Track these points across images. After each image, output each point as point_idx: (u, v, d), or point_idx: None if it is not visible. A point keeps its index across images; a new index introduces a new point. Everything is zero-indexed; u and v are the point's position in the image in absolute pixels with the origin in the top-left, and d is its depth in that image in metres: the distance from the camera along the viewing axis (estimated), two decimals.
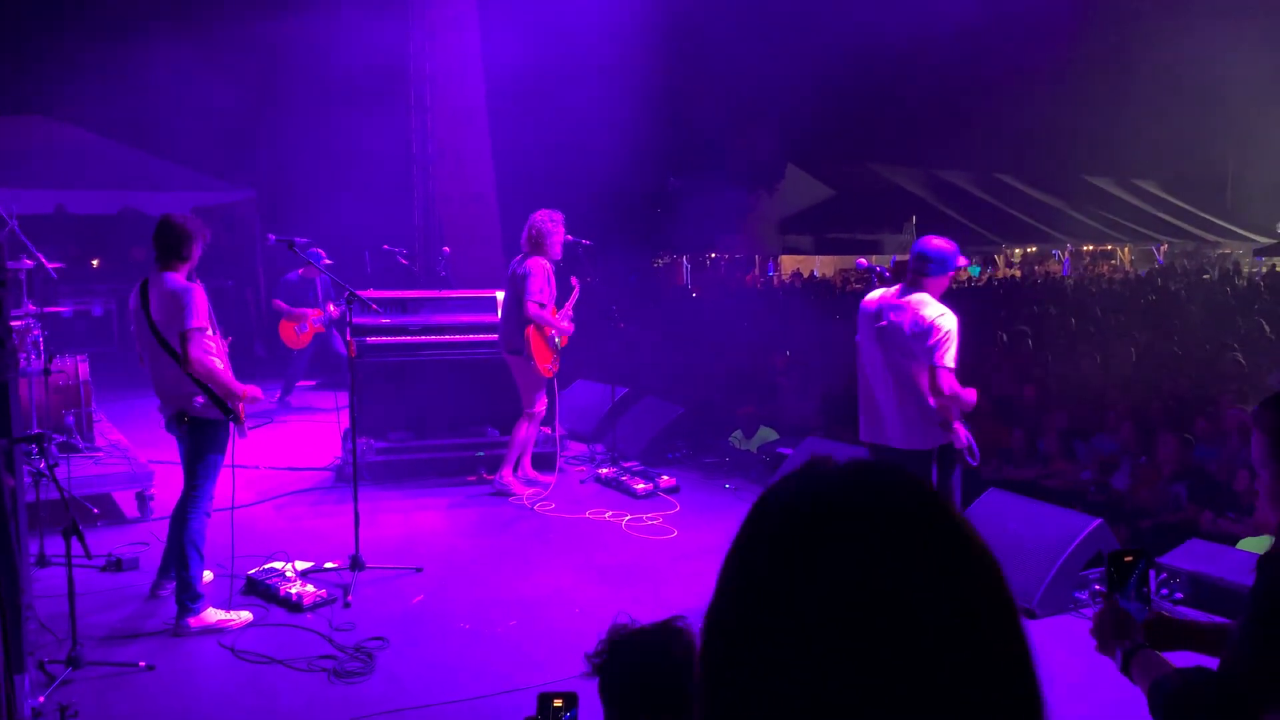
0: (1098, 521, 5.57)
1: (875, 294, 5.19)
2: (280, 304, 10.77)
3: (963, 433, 4.99)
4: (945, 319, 4.89)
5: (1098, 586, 5.44)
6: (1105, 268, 31.89)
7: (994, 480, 6.98)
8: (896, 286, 5.12)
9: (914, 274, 5.03)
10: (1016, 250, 32.60)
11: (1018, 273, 30.28)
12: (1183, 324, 13.56)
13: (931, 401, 4.91)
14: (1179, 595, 5.45)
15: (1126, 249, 33.44)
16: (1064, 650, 4.58)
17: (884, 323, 5.01)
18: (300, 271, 10.70)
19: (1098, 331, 13.20)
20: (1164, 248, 32.01)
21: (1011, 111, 30.54)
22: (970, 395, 4.97)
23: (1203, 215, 34.60)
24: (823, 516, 0.80)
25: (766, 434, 8.93)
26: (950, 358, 4.87)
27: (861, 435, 5.27)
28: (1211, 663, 2.04)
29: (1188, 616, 5.15)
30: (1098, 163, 34.24)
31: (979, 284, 27.24)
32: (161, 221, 5.26)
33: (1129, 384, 9.20)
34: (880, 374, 5.07)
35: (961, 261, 5.20)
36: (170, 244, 5.19)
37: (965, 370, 5.15)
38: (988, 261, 32.43)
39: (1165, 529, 6.38)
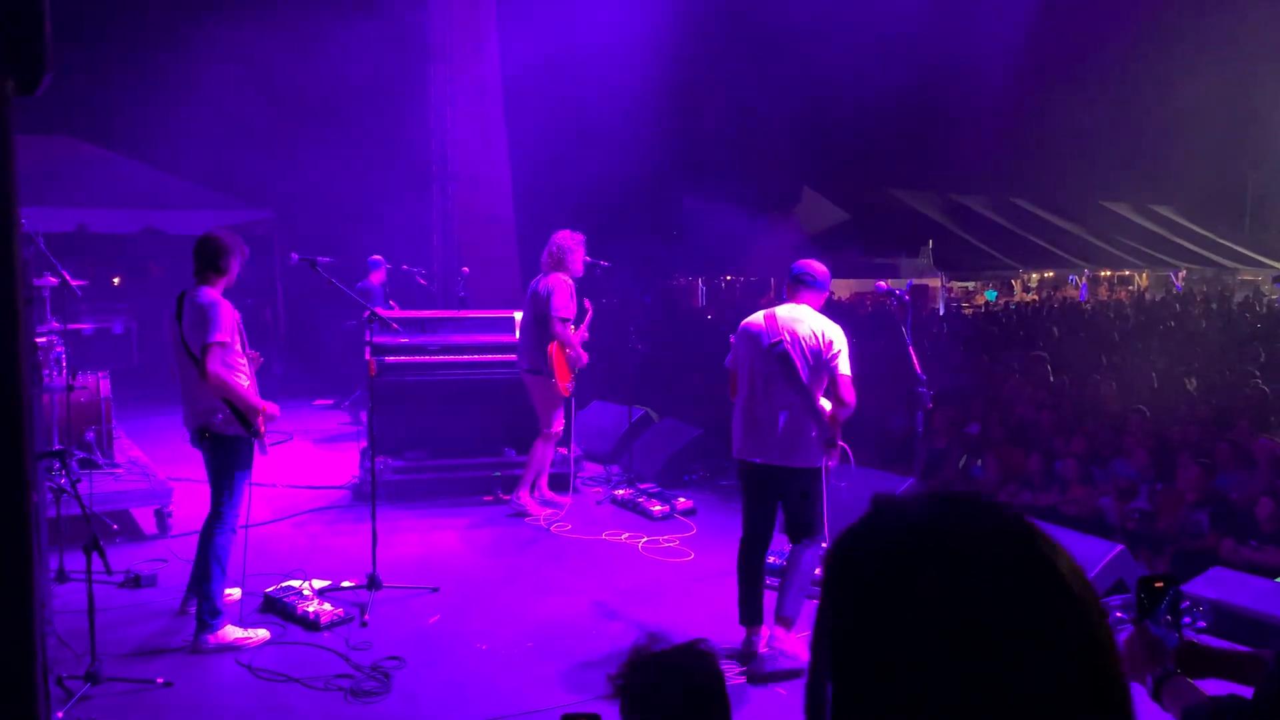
0: (1119, 548, 5.53)
1: (757, 315, 5.30)
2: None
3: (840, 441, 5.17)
4: (839, 331, 5.16)
5: (1119, 614, 5.39)
6: (1123, 293, 31.76)
7: (1013, 506, 6.94)
8: (773, 307, 5.30)
9: (793, 292, 5.25)
10: (1033, 275, 32.48)
11: (1035, 297, 30.18)
12: (1203, 350, 13.48)
13: (829, 413, 5.09)
14: (1201, 624, 5.40)
15: (1144, 275, 33.28)
16: None
17: (778, 340, 5.09)
18: (360, 284, 10.84)
19: (1116, 357, 13.13)
20: (1182, 274, 31.86)
21: (1029, 136, 30.55)
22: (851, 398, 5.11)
23: (1221, 241, 34.46)
24: (924, 556, 0.80)
25: None
26: (848, 366, 5.11)
27: (746, 455, 5.23)
28: (1244, 691, 2.02)
29: (1213, 644, 5.11)
30: (1115, 188, 34.18)
31: (996, 309, 27.18)
32: (201, 237, 5.33)
33: (1148, 410, 9.15)
34: (772, 391, 5.13)
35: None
36: (207, 258, 5.25)
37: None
38: (1004, 286, 32.34)
39: (1186, 556, 6.33)
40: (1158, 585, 2.18)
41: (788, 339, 5.09)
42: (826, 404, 5.14)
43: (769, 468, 5.15)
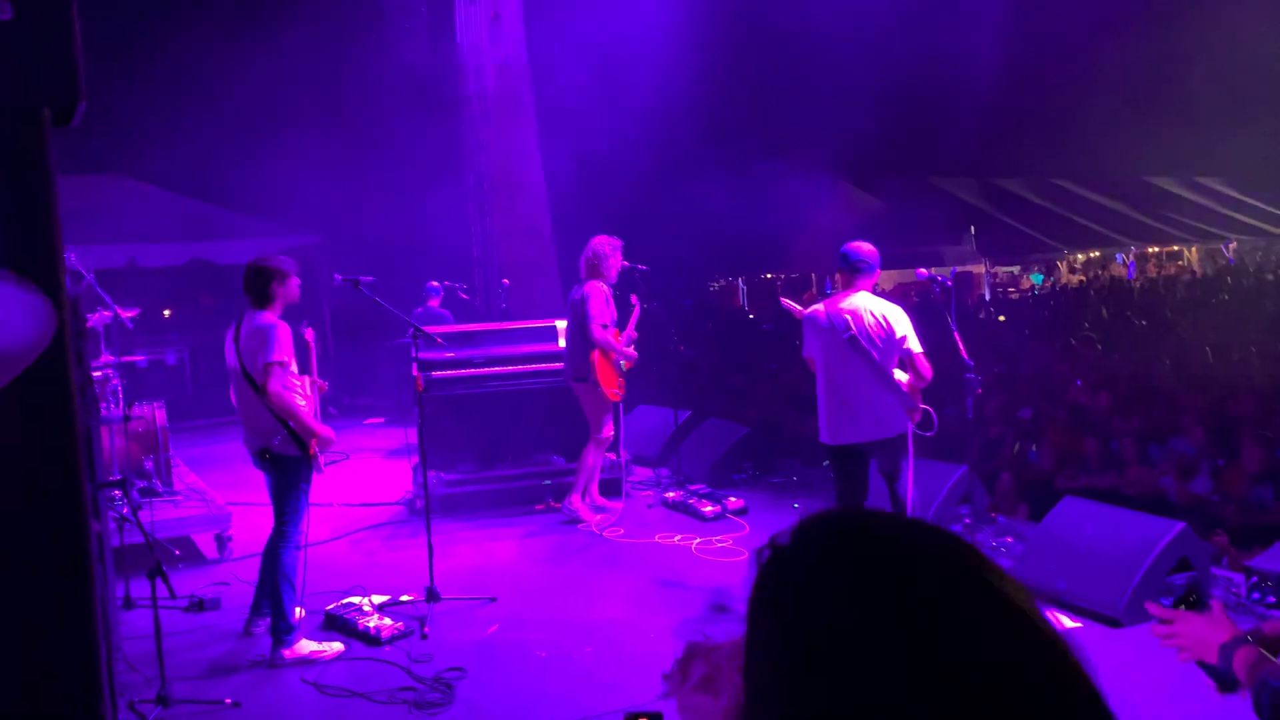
0: (1181, 526, 5.42)
1: (819, 307, 5.68)
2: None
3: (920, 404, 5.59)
4: (899, 311, 5.56)
5: (1215, 597, 5.31)
6: (1172, 269, 31.14)
7: (1069, 489, 6.84)
8: (833, 297, 5.70)
9: (848, 278, 5.61)
10: (1079, 255, 31.94)
11: (1081, 278, 29.69)
12: (1259, 322, 13.20)
13: (907, 383, 5.50)
14: (1270, 599, 5.28)
15: (1194, 249, 32.61)
16: (1152, 658, 4.46)
17: (847, 330, 5.45)
18: (421, 309, 10.98)
19: (1169, 333, 12.90)
20: (1233, 245, 31.19)
21: (1068, 115, 30.07)
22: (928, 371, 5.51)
23: (1272, 210, 33.68)
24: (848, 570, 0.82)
25: None
26: (917, 343, 5.50)
27: (835, 439, 5.60)
28: None
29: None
30: (1160, 162, 33.52)
31: (1043, 292, 26.81)
32: (248, 267, 5.45)
33: (1205, 385, 8.97)
34: (850, 375, 5.49)
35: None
36: (255, 285, 5.37)
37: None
38: (1050, 269, 31.85)
39: (1252, 531, 6.20)
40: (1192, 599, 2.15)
41: (855, 328, 5.44)
42: (902, 375, 5.53)
43: (859, 445, 5.54)
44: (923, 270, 6.71)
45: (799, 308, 6.08)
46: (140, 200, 14.94)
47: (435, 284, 11.51)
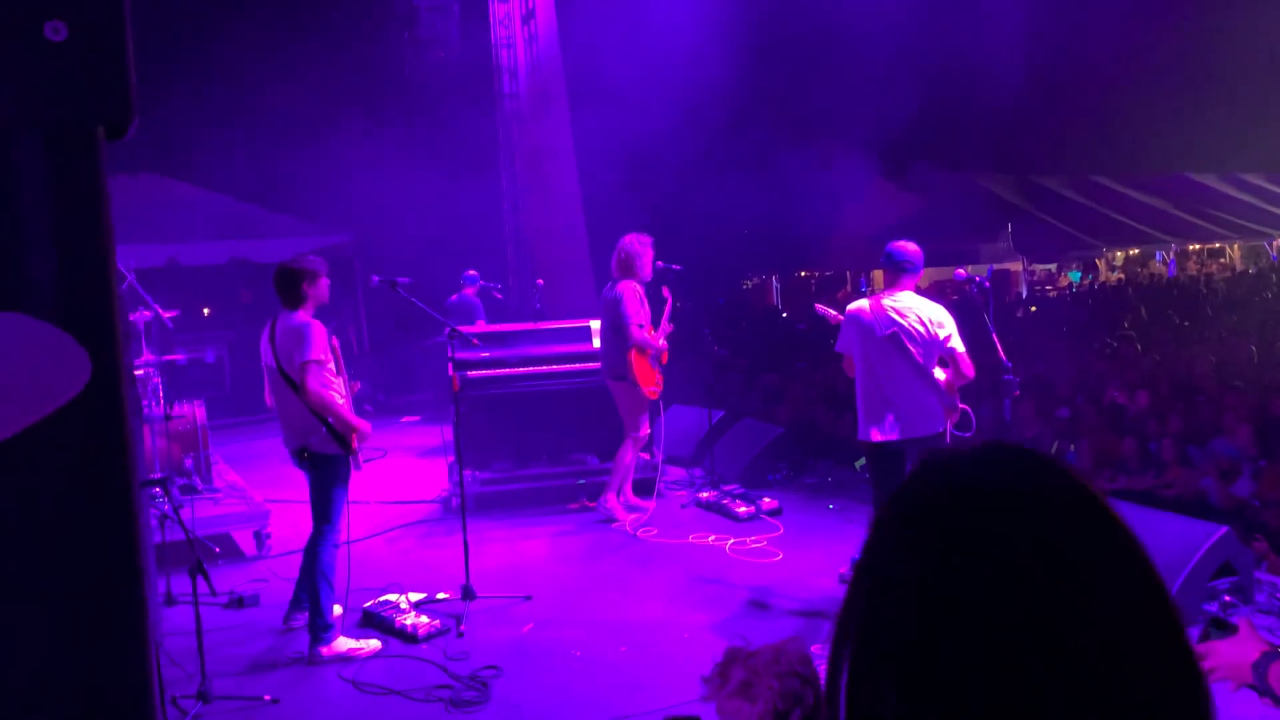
0: (1224, 529, 5.35)
1: (862, 303, 5.70)
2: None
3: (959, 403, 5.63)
4: (944, 312, 5.59)
5: (1228, 598, 5.23)
6: (1214, 266, 30.68)
7: (1108, 490, 6.76)
8: (877, 294, 5.71)
9: (894, 277, 5.63)
10: (1118, 253, 31.56)
11: (1121, 276, 29.33)
12: None
13: (945, 381, 5.53)
14: None
15: (1236, 246, 32.11)
16: None
17: (892, 329, 5.46)
18: (456, 296, 10.93)
19: (1210, 332, 12.72)
20: (1276, 242, 30.68)
21: (1107, 111, 29.71)
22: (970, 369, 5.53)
23: None
24: (956, 499, 0.81)
25: None
26: (960, 343, 5.51)
27: (872, 436, 5.58)
28: None
29: None
30: (1200, 159, 33.01)
31: (1081, 290, 26.51)
32: (277, 269, 5.50)
33: (1246, 386, 8.83)
34: (892, 373, 5.51)
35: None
36: (285, 286, 5.42)
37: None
38: (1088, 267, 31.47)
39: None
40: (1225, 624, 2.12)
41: (900, 326, 5.45)
42: (941, 374, 5.55)
43: (898, 443, 5.53)
44: (961, 270, 6.66)
45: (834, 313, 6.06)
46: (181, 200, 15.16)
47: (474, 273, 11.45)
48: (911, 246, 5.68)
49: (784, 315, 23.31)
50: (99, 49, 1.02)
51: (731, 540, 7.17)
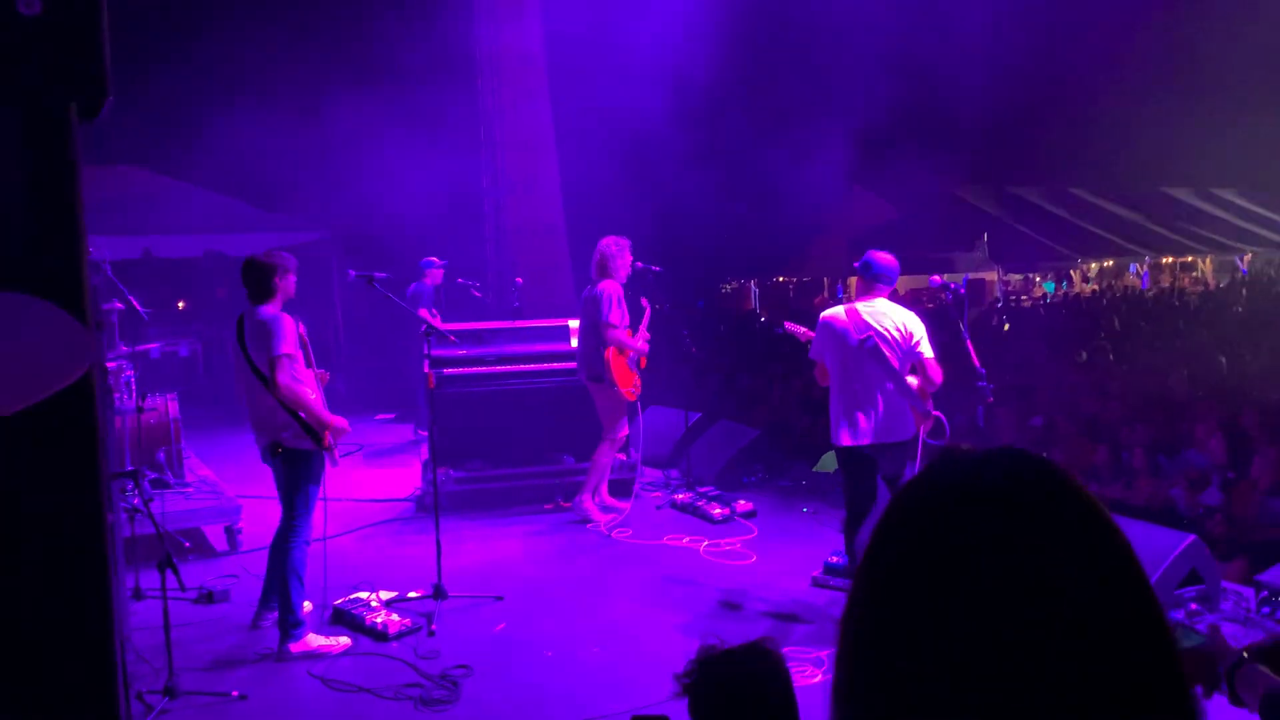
0: (1192, 538, 5.41)
1: (837, 310, 5.73)
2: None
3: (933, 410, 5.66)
4: (916, 319, 5.64)
5: (1194, 606, 5.28)
6: (1186, 280, 31.02)
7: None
8: (852, 301, 5.73)
9: (869, 285, 5.67)
10: (1093, 265, 31.85)
11: (1095, 287, 29.60)
12: (1272, 335, 13.14)
13: (917, 388, 5.58)
14: None
15: (1208, 260, 32.49)
16: None
17: (867, 336, 5.50)
18: (414, 285, 10.74)
19: (1182, 344, 12.85)
20: (1247, 258, 31.06)
21: (1083, 124, 30.00)
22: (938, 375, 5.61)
23: None
24: (961, 501, 0.82)
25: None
26: (930, 349, 5.59)
27: (846, 440, 5.61)
28: None
29: None
30: (1175, 173, 33.39)
31: (1055, 300, 26.73)
32: (245, 262, 5.44)
33: (1217, 397, 8.93)
34: (866, 379, 5.54)
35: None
36: (255, 280, 5.37)
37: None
38: (1062, 278, 31.75)
39: (1264, 546, 6.16)
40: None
41: (876, 332, 5.49)
42: (913, 380, 5.60)
43: (872, 448, 5.57)
44: (936, 276, 6.73)
45: (804, 329, 6.11)
46: (157, 192, 15.04)
47: (434, 259, 10.95)
48: (889, 257, 5.74)
49: (762, 319, 23.36)
50: (73, 25, 1.00)
51: (706, 542, 7.18)
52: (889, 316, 5.58)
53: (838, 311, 5.72)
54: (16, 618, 1.75)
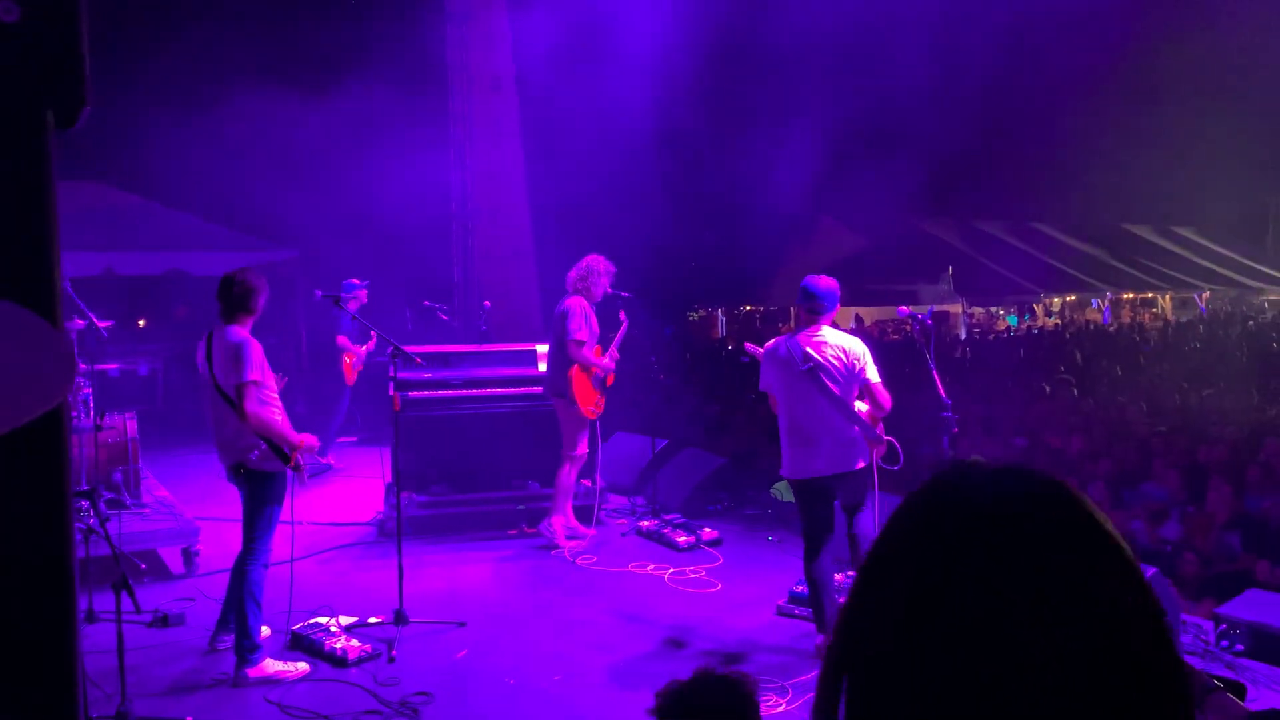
0: (1152, 570, 5.45)
1: (780, 341, 5.61)
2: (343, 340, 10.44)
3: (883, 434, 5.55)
4: (859, 343, 5.55)
5: None
6: (1146, 316, 31.52)
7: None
8: (794, 330, 5.62)
9: (810, 312, 5.53)
10: (1055, 299, 32.31)
11: (1057, 321, 29.99)
12: (1229, 371, 13.36)
13: (866, 414, 5.49)
14: (1239, 646, 5.31)
15: (1168, 297, 33.07)
16: None
17: (808, 364, 5.39)
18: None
19: (1142, 379, 13.04)
20: (1205, 295, 31.65)
21: (1048, 160, 30.48)
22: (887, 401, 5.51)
23: (1244, 261, 34.20)
24: (975, 519, 0.82)
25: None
26: (876, 373, 5.49)
27: (798, 473, 5.52)
28: None
29: (1250, 668, 5.03)
30: (1136, 210, 34.02)
31: (1018, 334, 27.04)
32: (224, 278, 5.38)
33: (1176, 432, 9.06)
34: (812, 409, 5.42)
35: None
36: (235, 300, 5.30)
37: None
38: (1025, 311, 32.16)
39: (1220, 579, 6.24)
40: None
41: (816, 361, 5.39)
42: (862, 406, 5.51)
43: (823, 479, 5.46)
44: (904, 308, 6.76)
45: (761, 350, 6.06)
46: (120, 210, 14.85)
47: (356, 281, 10.17)
48: (828, 281, 5.59)
49: (729, 348, 23.45)
50: (52, 32, 0.99)
51: (671, 570, 7.15)
52: (830, 343, 5.46)
53: (779, 341, 5.61)
54: None
